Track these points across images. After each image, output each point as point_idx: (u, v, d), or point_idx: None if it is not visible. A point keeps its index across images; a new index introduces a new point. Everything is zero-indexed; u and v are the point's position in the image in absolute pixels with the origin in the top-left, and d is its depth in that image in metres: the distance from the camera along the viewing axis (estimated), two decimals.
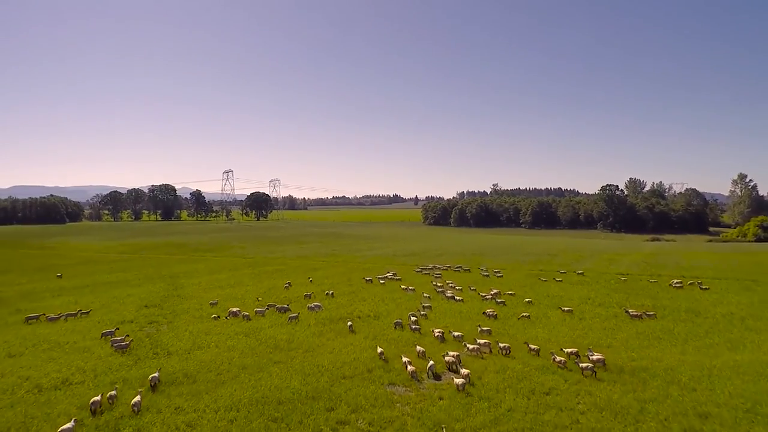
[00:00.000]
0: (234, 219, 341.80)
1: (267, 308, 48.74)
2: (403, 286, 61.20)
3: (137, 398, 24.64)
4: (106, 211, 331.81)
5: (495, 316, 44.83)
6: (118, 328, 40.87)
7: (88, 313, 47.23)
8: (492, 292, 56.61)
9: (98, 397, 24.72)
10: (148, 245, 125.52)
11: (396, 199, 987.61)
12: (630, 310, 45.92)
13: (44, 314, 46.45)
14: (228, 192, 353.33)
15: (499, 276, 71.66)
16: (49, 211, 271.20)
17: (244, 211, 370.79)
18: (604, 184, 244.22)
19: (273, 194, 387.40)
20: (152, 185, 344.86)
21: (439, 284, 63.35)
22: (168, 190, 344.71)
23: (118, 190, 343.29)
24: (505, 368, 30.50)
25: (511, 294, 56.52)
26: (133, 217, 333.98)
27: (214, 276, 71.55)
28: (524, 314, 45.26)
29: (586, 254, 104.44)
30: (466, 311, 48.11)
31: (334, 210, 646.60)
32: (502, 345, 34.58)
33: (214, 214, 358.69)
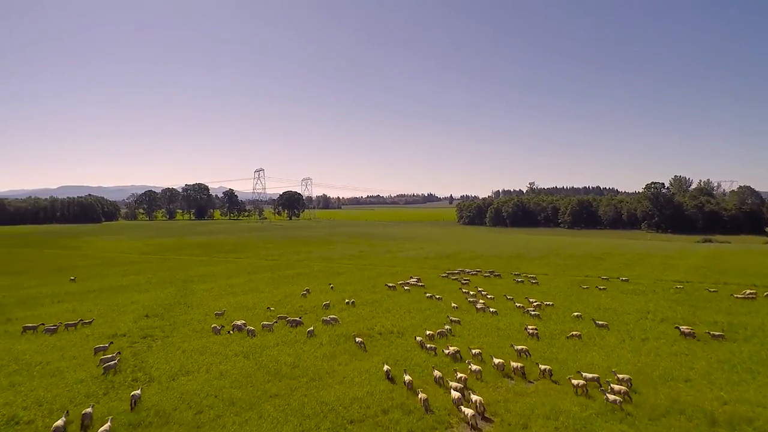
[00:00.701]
0: (266, 218, 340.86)
1: (277, 321, 43.36)
2: (428, 294, 55.30)
3: None
4: (141, 211, 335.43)
5: (536, 335, 38.09)
6: (112, 342, 36.28)
7: (90, 322, 43.03)
8: (533, 303, 49.86)
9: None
10: (173, 245, 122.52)
11: (431, 198, 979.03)
12: (683, 327, 38.47)
13: (42, 324, 42.25)
14: (259, 191, 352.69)
15: (534, 282, 64.63)
16: (86, 211, 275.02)
17: (277, 210, 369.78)
18: (649, 182, 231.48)
19: (305, 193, 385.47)
20: (186, 184, 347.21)
21: (471, 292, 57.08)
22: (201, 189, 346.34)
23: (153, 190, 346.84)
24: (556, 411, 23.93)
25: (549, 305, 49.68)
26: (168, 217, 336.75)
27: (230, 280, 66.64)
28: (574, 333, 38.32)
29: (635, 257, 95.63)
30: (504, 327, 41.47)
31: (367, 209, 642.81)
32: (543, 367, 29.30)
33: (246, 214, 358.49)
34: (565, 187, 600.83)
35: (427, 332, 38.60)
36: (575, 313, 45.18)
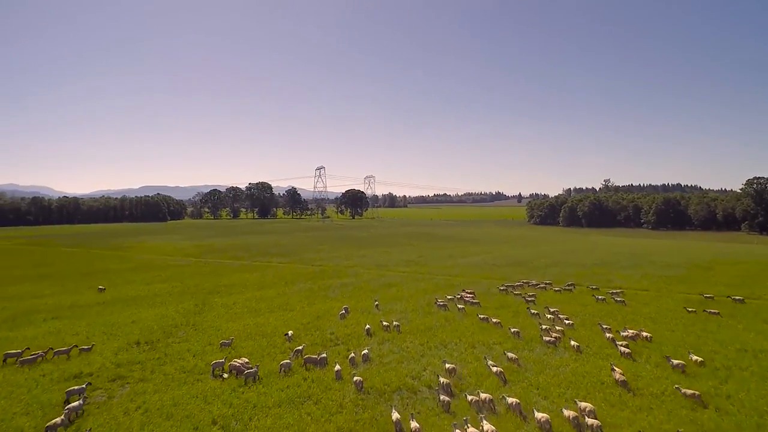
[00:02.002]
0: (329, 217, 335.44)
1: (293, 356, 32.62)
2: (481, 316, 44.04)
3: None
4: (207, 210, 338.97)
5: (625, 384, 25.52)
6: (90, 383, 27.52)
7: (89, 349, 34.88)
8: (628, 333, 37.05)
9: None
10: (221, 247, 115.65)
11: (498, 196, 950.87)
12: None
13: (28, 348, 34.30)
14: (320, 189, 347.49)
15: (619, 301, 50.94)
16: (153, 210, 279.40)
17: (339, 208, 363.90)
18: (750, 177, 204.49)
19: (368, 191, 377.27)
20: (249, 183, 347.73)
21: (544, 314, 45.18)
22: (264, 188, 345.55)
23: (218, 189, 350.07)
24: None
25: (646, 336, 36.50)
26: (232, 215, 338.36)
27: (260, 292, 56.79)
28: (687, 391, 25.33)
29: (754, 268, 78.08)
30: (593, 371, 28.76)
31: (434, 208, 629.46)
32: None
33: (309, 213, 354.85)
34: (642, 185, 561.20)
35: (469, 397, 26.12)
36: (696, 358, 31.56)
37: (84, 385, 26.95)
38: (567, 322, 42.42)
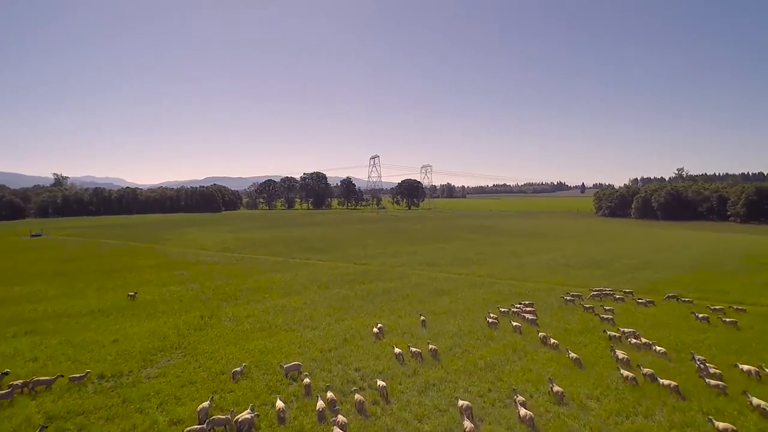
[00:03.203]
0: (384, 208, 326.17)
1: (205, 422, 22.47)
2: (541, 334, 34.06)
3: None
4: (262, 200, 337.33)
5: None
6: None
7: (83, 377, 27.06)
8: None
9: None
10: (262, 240, 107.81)
11: (560, 186, 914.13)
12: None
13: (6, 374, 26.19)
14: (374, 178, 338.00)
15: (729, 322, 37.86)
16: (208, 200, 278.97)
17: (395, 199, 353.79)
18: None
19: (425, 181, 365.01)
20: (304, 173, 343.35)
21: (628, 338, 33.47)
22: (319, 177, 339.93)
23: (273, 179, 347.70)
24: None
25: None
26: (286, 206, 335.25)
27: (284, 300, 47.13)
28: None
29: None
30: None
31: (493, 198, 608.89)
32: None
33: (363, 203, 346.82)
34: (718, 174, 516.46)
35: None
36: None
37: None
38: (659, 350, 30.95)
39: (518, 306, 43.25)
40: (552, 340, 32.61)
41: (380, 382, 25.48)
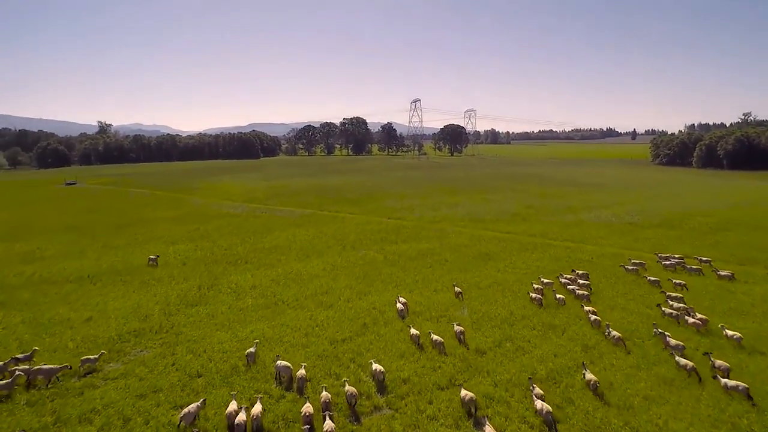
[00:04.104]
0: (425, 154, 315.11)
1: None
2: (590, 309, 27.88)
3: None
4: (301, 146, 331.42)
5: None
6: None
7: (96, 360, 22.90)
8: None
9: None
10: (294, 188, 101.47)
11: (610, 133, 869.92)
12: None
13: None
14: (416, 123, 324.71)
15: None
16: (246, 147, 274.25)
17: (437, 145, 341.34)
18: None
19: (468, 127, 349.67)
20: (344, 118, 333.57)
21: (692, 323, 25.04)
22: (359, 123, 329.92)
23: (312, 125, 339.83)
24: None
25: None
26: (326, 152, 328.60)
27: (301, 265, 40.40)
28: None
29: None
30: None
31: (538, 145, 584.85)
32: None
33: (404, 149, 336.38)
34: None
35: None
36: None
37: None
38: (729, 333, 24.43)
39: (567, 276, 35.31)
40: (614, 333, 24.73)
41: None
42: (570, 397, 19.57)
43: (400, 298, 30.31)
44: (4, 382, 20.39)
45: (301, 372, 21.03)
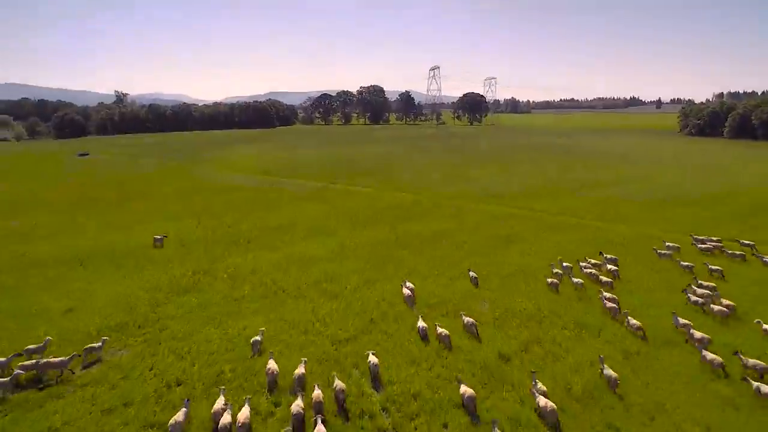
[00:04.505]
0: (444, 123, 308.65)
1: None
2: (608, 296, 25.19)
3: None
4: (318, 115, 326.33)
5: None
6: None
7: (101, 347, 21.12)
8: None
9: None
10: (306, 160, 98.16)
11: (634, 102, 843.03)
12: None
13: None
14: (434, 91, 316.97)
15: None
16: (261, 115, 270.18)
17: (456, 114, 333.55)
18: None
19: (489, 95, 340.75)
20: (361, 87, 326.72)
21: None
22: (376, 91, 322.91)
23: (329, 93, 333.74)
24: None
25: None
26: (343, 121, 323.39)
27: (306, 246, 37.39)
28: None
29: None
30: None
31: (561, 114, 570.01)
32: None
33: (422, 118, 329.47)
34: None
35: None
36: None
37: None
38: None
39: (593, 261, 32.09)
40: (634, 322, 22.24)
41: None
42: (612, 422, 16.39)
43: (407, 283, 27.69)
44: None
45: (300, 370, 18.71)
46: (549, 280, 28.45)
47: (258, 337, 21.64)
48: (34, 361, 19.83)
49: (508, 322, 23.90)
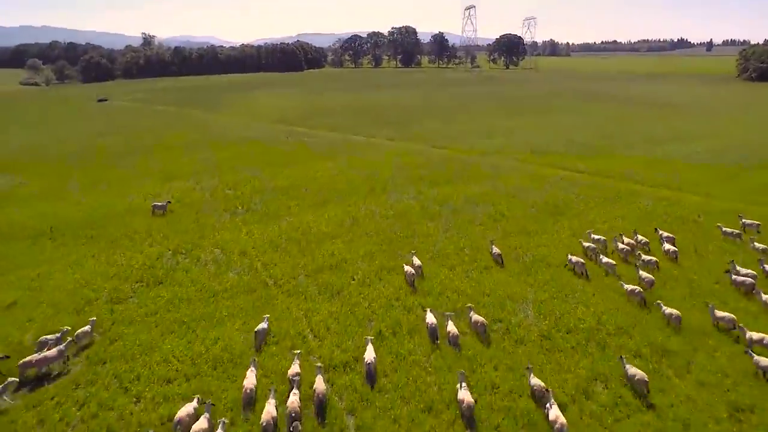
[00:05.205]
0: (478, 67, 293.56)
1: None
2: (628, 286, 19.80)
3: None
4: (347, 57, 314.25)
5: None
6: None
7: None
8: None
9: None
10: (329, 107, 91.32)
11: (681, 44, 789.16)
12: None
13: None
14: (469, 33, 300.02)
15: None
16: (289, 58, 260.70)
17: (491, 57, 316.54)
18: None
19: (527, 37, 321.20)
20: (392, 27, 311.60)
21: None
22: (408, 33, 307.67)
23: (359, 35, 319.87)
24: None
25: None
26: (373, 64, 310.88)
27: (311, 217, 31.63)
28: None
29: None
30: None
31: (602, 57, 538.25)
32: None
33: (456, 61, 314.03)
34: None
35: None
36: None
37: None
38: None
39: (642, 239, 26.08)
40: (668, 310, 18.17)
41: None
42: None
43: (415, 259, 23.39)
44: None
45: (295, 368, 15.40)
46: (572, 258, 23.45)
47: (264, 324, 18.29)
48: (29, 358, 16.56)
49: (559, 342, 17.94)
